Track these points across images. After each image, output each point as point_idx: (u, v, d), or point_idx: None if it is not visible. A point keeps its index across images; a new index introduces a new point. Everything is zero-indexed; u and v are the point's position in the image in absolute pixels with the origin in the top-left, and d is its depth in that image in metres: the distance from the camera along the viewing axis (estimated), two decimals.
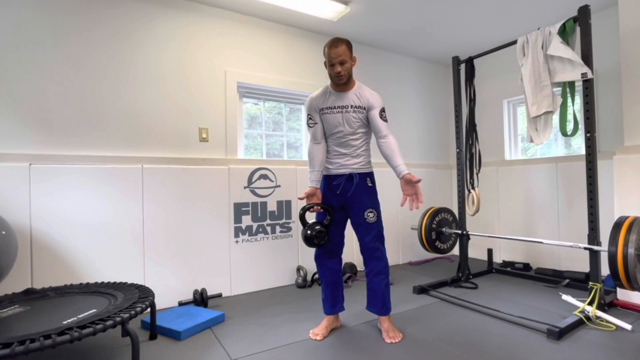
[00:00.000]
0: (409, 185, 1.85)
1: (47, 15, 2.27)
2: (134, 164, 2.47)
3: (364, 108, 1.93)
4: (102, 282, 2.09)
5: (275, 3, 2.73)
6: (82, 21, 2.37)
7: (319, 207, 1.95)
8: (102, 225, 2.33)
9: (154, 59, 2.60)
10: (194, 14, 2.76)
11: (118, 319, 1.49)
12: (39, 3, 2.25)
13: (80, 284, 2.08)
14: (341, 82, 1.88)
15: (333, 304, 2.04)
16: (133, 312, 1.57)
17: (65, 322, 1.49)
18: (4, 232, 1.82)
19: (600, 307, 2.13)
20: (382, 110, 1.95)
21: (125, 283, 2.06)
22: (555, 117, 2.43)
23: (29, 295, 1.92)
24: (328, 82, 2.01)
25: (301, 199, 1.97)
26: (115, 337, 1.97)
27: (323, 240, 1.92)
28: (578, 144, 3.27)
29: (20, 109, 2.19)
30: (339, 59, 1.83)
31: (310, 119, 2.01)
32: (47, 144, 2.25)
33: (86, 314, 1.60)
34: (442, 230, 3.08)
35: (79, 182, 2.28)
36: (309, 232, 1.90)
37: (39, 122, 2.24)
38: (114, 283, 2.07)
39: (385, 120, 1.95)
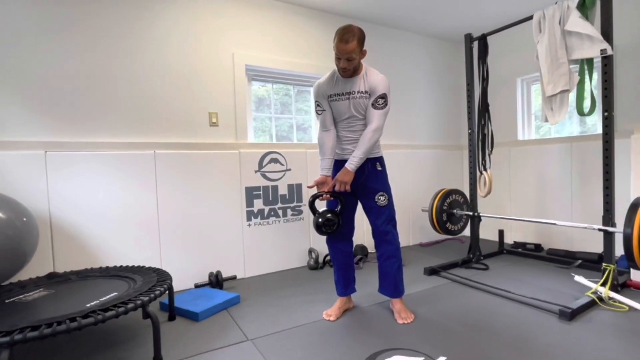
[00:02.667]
0: (338, 177, 1.88)
1: (58, 3, 2.25)
2: (147, 150, 2.49)
3: (369, 93, 1.90)
4: (121, 266, 2.15)
5: None
6: (93, 9, 2.35)
7: (328, 195, 1.95)
8: (118, 210, 2.38)
9: (163, 44, 2.58)
10: None
11: (139, 302, 1.54)
12: None
13: (100, 267, 2.14)
14: (345, 75, 1.87)
15: (345, 286, 2.08)
16: (152, 295, 1.62)
17: (88, 305, 1.54)
18: (25, 219, 1.87)
19: (613, 288, 2.13)
20: (381, 97, 1.85)
21: (143, 267, 2.12)
22: (572, 96, 2.37)
23: (52, 278, 1.99)
24: None
25: (310, 187, 1.98)
26: (136, 318, 2.04)
27: (331, 228, 1.93)
28: (593, 121, 3.19)
29: (35, 98, 2.21)
30: (347, 55, 1.76)
31: (318, 105, 1.99)
32: (61, 131, 2.28)
33: (108, 297, 1.66)
34: (453, 211, 3.07)
35: (94, 168, 2.32)
36: (319, 219, 1.92)
37: (53, 110, 2.26)
38: (133, 267, 2.13)
39: (381, 108, 1.85)
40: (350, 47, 1.75)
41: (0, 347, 1.21)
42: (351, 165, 1.87)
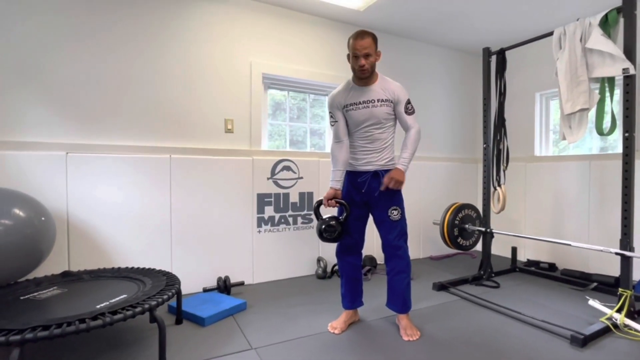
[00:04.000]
0: (392, 175, 1.88)
1: (83, 10, 2.34)
2: (163, 154, 2.55)
3: (392, 101, 1.91)
4: (132, 268, 2.19)
5: None
6: (116, 15, 2.43)
7: (333, 202, 1.96)
8: (132, 212, 2.44)
9: (182, 51, 2.65)
10: (220, 4, 2.77)
11: (146, 306, 1.57)
12: None
13: (112, 268, 2.19)
14: (364, 76, 1.85)
15: (352, 299, 2.07)
16: (160, 299, 1.65)
17: (98, 307, 1.58)
18: (43, 218, 1.94)
19: (630, 315, 2.06)
20: (408, 102, 1.94)
21: (154, 269, 2.16)
22: (591, 114, 2.32)
23: (66, 277, 2.05)
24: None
25: (328, 206, 1.99)
26: (143, 320, 2.08)
27: (332, 235, 1.93)
28: (615, 136, 3.10)
29: (58, 101, 2.29)
30: (364, 51, 1.78)
31: (331, 117, 2.00)
32: (82, 133, 2.36)
33: (117, 299, 1.69)
34: (465, 226, 3.03)
35: (112, 170, 2.38)
36: (322, 226, 1.94)
37: (75, 113, 2.34)
38: (143, 269, 2.17)
39: (412, 112, 1.95)
40: (366, 42, 1.79)
41: (11, 345, 1.26)
42: (404, 165, 1.91)
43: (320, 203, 1.99)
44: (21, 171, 2.15)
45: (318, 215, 1.99)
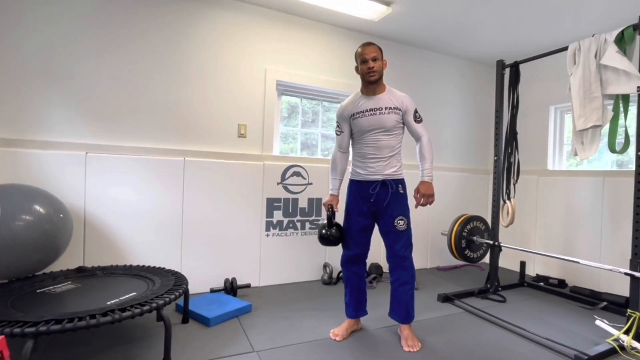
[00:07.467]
0: (423, 191, 1.97)
1: (105, 17, 2.45)
2: (177, 157, 2.62)
3: (400, 109, 1.95)
4: (143, 266, 2.27)
5: (317, 4, 2.76)
6: (138, 22, 2.53)
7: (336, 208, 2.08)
8: (146, 212, 2.52)
9: (199, 57, 2.73)
10: (237, 12, 2.85)
11: (154, 304, 1.63)
12: (99, 7, 2.43)
13: (124, 265, 2.27)
14: (373, 78, 1.92)
15: (356, 309, 2.09)
16: (167, 299, 1.71)
17: (108, 303, 1.65)
18: (61, 215, 2.03)
19: (638, 337, 2.02)
20: (416, 111, 2.01)
21: (163, 268, 2.23)
22: (605, 130, 2.29)
23: (81, 272, 2.14)
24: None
25: (336, 210, 2.07)
26: (151, 318, 2.14)
27: (335, 239, 2.05)
28: (633, 151, 3.03)
29: (80, 103, 2.40)
30: (372, 55, 1.90)
31: (338, 126, 2.07)
32: (102, 135, 2.46)
33: (127, 296, 1.76)
34: (473, 239, 3.01)
35: (128, 171, 2.47)
36: (322, 231, 2.05)
37: (96, 115, 2.44)
38: (153, 267, 2.24)
39: (420, 121, 2.02)
40: (373, 48, 1.93)
41: (26, 337, 1.33)
42: (430, 177, 1.99)
43: (333, 212, 2.05)
44: (43, 169, 2.26)
45: (331, 222, 2.05)
